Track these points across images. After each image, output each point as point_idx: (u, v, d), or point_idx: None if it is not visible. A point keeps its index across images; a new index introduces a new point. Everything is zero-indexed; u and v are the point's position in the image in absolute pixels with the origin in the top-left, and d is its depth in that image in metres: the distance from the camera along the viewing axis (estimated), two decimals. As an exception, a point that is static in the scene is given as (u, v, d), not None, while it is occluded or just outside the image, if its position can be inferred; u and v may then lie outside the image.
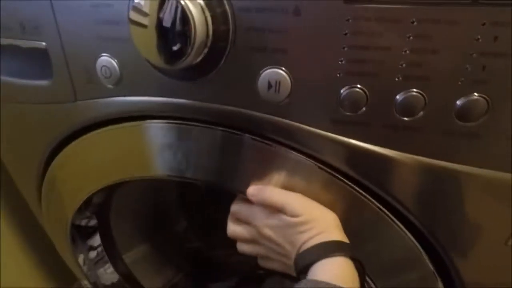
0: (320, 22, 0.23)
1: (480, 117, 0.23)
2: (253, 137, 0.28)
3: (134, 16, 0.24)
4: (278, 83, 0.25)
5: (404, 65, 0.23)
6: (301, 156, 0.28)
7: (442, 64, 0.22)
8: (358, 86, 0.24)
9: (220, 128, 0.29)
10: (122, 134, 0.33)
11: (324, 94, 0.25)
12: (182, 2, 0.22)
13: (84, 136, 0.35)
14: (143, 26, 0.23)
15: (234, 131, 0.28)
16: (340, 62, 0.23)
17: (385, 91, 0.24)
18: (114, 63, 0.29)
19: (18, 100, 0.36)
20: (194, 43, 0.23)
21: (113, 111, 0.32)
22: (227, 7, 0.24)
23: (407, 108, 0.24)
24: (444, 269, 0.31)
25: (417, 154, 0.25)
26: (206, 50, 0.24)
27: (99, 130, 0.34)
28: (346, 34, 0.22)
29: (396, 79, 0.23)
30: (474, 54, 0.21)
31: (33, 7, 0.29)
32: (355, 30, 0.22)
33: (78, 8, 0.28)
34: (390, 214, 0.29)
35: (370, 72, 0.23)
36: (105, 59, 0.29)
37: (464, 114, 0.23)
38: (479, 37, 0.21)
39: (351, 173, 0.27)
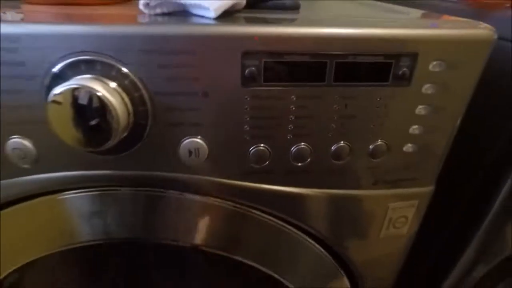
0: (225, 101, 0.28)
1: (346, 157, 0.32)
2: (178, 193, 0.32)
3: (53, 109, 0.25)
4: (197, 150, 0.29)
5: (292, 127, 0.30)
6: (222, 201, 0.33)
7: (317, 124, 0.30)
8: (261, 145, 0.30)
9: (145, 189, 0.32)
10: (39, 208, 0.32)
11: (236, 154, 0.30)
12: (99, 94, 0.25)
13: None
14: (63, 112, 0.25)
15: (158, 190, 0.32)
16: (245, 129, 0.29)
17: (281, 147, 0.31)
18: (28, 143, 0.29)
19: None
20: (117, 127, 0.26)
21: (31, 189, 0.31)
22: (143, 91, 0.27)
23: (299, 157, 0.31)
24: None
25: (310, 187, 0.33)
26: (127, 130, 0.27)
27: (10, 208, 0.32)
28: (246, 108, 0.29)
29: (288, 137, 0.30)
30: (335, 117, 0.30)
31: None
32: (252, 105, 0.29)
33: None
34: (305, 236, 0.37)
35: (269, 134, 0.30)
36: (18, 141, 0.29)
37: (336, 156, 0.32)
38: (335, 106, 0.30)
39: (265, 208, 0.34)
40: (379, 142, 0.32)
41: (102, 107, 0.25)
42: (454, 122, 0.32)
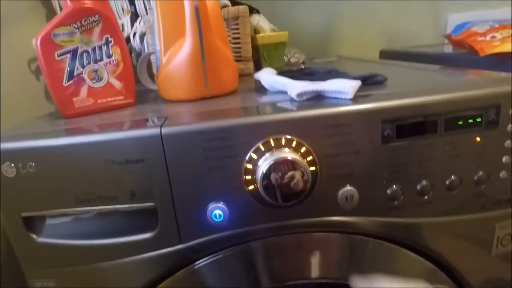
0: (371, 156, 0.38)
1: (458, 188, 0.41)
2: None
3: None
4: (351, 196, 0.38)
5: (416, 168, 0.39)
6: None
7: (434, 164, 0.40)
8: (395, 186, 0.39)
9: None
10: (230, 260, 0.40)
11: (377, 195, 0.39)
12: (290, 158, 0.35)
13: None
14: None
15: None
16: (384, 175, 0.39)
17: (410, 185, 0.40)
18: (224, 206, 0.38)
19: (116, 258, 0.39)
20: (308, 183, 0.35)
21: (220, 244, 0.39)
22: (314, 155, 0.37)
23: (423, 191, 0.40)
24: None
25: (433, 217, 0.41)
26: (304, 185, 0.37)
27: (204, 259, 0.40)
28: (384, 159, 0.38)
29: (415, 177, 0.40)
30: (447, 157, 0.40)
31: (149, 177, 0.37)
32: (389, 156, 0.38)
33: (193, 173, 0.37)
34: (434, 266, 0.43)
35: (400, 177, 0.39)
36: (216, 206, 0.38)
37: (450, 187, 0.41)
38: (447, 149, 0.39)
39: (400, 239, 0.41)
40: (480, 173, 0.41)
41: (295, 168, 0.35)
42: (535, 149, 0.41)
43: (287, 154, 0.35)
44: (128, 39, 0.82)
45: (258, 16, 0.86)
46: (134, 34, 0.82)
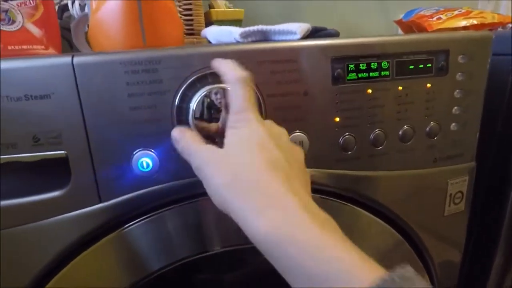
0: (321, 98, 0.35)
1: (411, 139, 0.39)
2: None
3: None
4: (301, 143, 0.34)
5: (369, 116, 0.37)
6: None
7: (387, 111, 0.37)
8: (347, 134, 0.36)
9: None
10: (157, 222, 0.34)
11: (330, 144, 0.36)
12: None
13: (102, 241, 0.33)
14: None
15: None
16: (336, 120, 0.36)
17: (363, 134, 0.37)
18: (153, 154, 0.32)
19: (14, 224, 0.31)
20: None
21: (150, 201, 0.33)
22: (258, 94, 0.33)
23: (377, 141, 0.37)
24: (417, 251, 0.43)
25: (387, 170, 0.39)
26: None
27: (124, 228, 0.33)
28: (336, 103, 0.35)
29: (368, 125, 0.37)
30: (399, 104, 0.38)
31: (58, 117, 0.30)
32: (340, 100, 0.35)
33: (114, 112, 0.31)
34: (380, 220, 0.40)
35: (354, 124, 0.36)
36: (143, 153, 0.31)
37: (404, 138, 0.39)
38: (399, 95, 0.37)
39: (348, 194, 0.38)
40: (432, 123, 0.39)
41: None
42: (480, 102, 0.41)
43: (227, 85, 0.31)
44: (67, 7, 0.74)
45: (212, -9, 0.82)
46: (74, 2, 0.74)
